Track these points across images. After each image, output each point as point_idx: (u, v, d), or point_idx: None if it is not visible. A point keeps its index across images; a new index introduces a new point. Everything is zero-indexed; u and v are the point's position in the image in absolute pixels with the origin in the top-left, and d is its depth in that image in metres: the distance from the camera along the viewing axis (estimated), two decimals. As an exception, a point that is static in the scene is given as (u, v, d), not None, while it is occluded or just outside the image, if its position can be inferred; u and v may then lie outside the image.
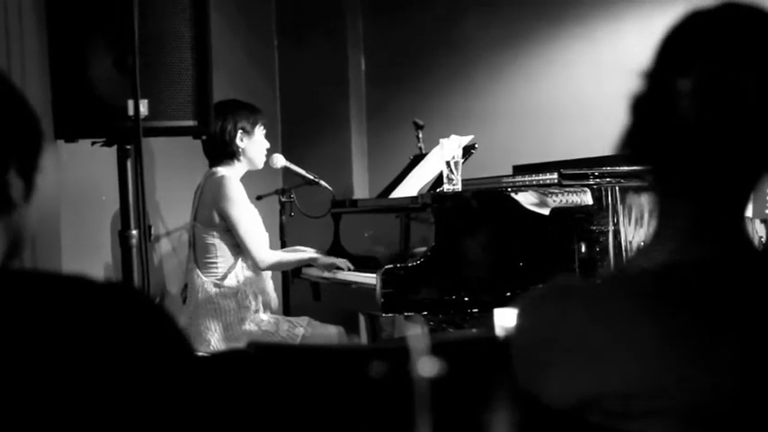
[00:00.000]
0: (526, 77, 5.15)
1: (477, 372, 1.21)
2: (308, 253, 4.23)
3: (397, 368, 1.16)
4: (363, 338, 4.73)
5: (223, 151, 4.12)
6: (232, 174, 4.09)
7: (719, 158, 1.14)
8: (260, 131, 4.18)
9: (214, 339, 3.98)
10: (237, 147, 4.11)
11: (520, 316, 1.20)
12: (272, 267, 4.16)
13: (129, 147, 3.12)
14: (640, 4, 4.72)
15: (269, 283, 4.18)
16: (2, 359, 1.03)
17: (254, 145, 4.16)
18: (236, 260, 4.06)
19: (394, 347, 1.26)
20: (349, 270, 4.06)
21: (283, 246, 4.54)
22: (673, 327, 1.10)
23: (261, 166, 4.23)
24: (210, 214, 4.04)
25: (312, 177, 4.45)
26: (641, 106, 1.18)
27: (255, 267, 4.09)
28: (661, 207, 1.20)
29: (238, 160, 4.13)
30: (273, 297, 4.19)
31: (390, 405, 1.25)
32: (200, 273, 4.07)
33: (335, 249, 4.43)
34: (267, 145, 4.23)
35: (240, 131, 4.11)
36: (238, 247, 4.06)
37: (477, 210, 3.66)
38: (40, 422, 1.01)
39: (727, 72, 1.12)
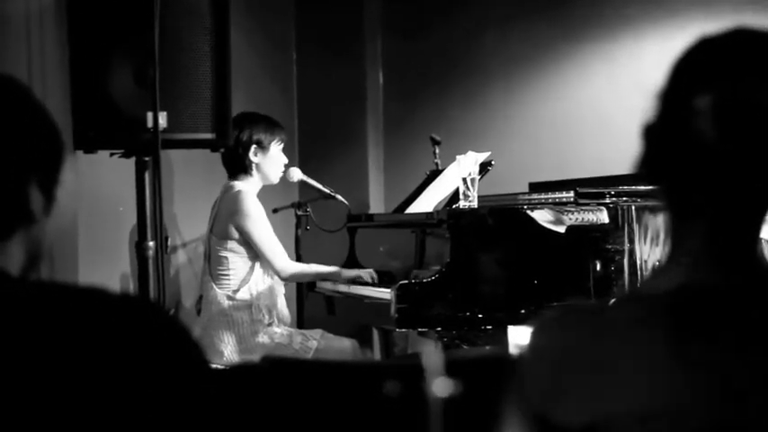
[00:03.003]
0: (544, 95, 5.15)
1: (490, 392, 1.22)
2: (331, 267, 4.22)
3: (412, 387, 1.17)
4: (376, 352, 4.73)
5: (238, 164, 4.12)
6: (249, 188, 4.10)
7: (735, 179, 1.14)
8: (276, 147, 4.17)
9: (228, 351, 3.99)
10: (251, 161, 4.11)
11: (532, 337, 1.21)
12: (294, 277, 4.17)
13: (147, 158, 3.14)
14: (660, 22, 4.72)
15: (281, 299, 4.18)
16: (19, 370, 1.04)
17: (269, 160, 4.15)
18: (248, 274, 4.07)
19: (408, 365, 1.27)
20: (374, 281, 4.07)
21: (299, 259, 4.54)
22: (685, 351, 1.10)
23: (276, 181, 4.23)
24: (226, 228, 4.05)
25: (328, 191, 4.45)
26: (656, 128, 1.19)
27: (271, 281, 4.09)
28: (675, 229, 1.20)
29: (254, 173, 4.14)
30: (286, 313, 4.19)
31: (404, 423, 1.25)
32: (214, 285, 4.08)
33: (351, 264, 4.43)
34: (285, 161, 4.23)
35: (255, 146, 4.10)
36: (251, 261, 4.06)
37: (493, 227, 3.66)
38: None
39: (742, 92, 1.12)
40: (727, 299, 1.13)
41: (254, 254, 4.06)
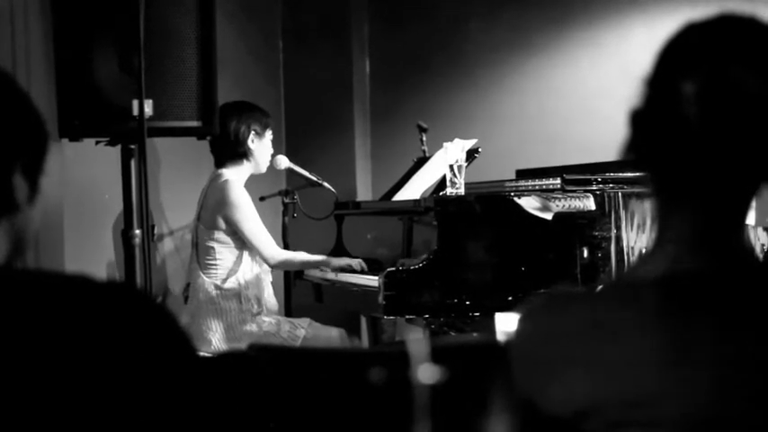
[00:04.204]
0: (530, 82, 5.15)
1: (476, 378, 1.22)
2: (319, 255, 4.23)
3: (398, 374, 1.17)
4: (365, 340, 4.73)
5: (233, 151, 4.12)
6: (237, 177, 4.10)
7: (721, 165, 1.14)
8: (269, 136, 4.20)
9: (215, 339, 3.99)
10: (249, 148, 4.12)
11: (520, 323, 1.21)
12: (282, 265, 4.17)
13: (132, 146, 3.13)
14: (646, 9, 4.73)
15: (268, 288, 4.18)
16: (5, 358, 1.03)
17: (263, 148, 4.17)
18: (236, 264, 4.07)
19: (394, 353, 1.27)
20: (363, 269, 4.07)
21: (286, 247, 4.54)
22: (672, 337, 1.10)
23: (264, 170, 4.24)
24: (213, 217, 4.05)
25: (315, 179, 4.45)
26: (643, 114, 1.18)
27: (258, 270, 4.09)
28: (662, 215, 1.20)
29: (248, 160, 4.14)
30: (273, 302, 4.19)
31: (390, 410, 1.25)
32: (201, 273, 4.07)
33: (338, 251, 4.44)
34: (272, 151, 4.25)
35: (253, 133, 4.12)
36: (238, 251, 4.06)
37: (480, 214, 3.67)
38: (43, 421, 1.02)
39: (728, 77, 1.12)
40: (713, 285, 1.13)
41: (241, 244, 4.06)
